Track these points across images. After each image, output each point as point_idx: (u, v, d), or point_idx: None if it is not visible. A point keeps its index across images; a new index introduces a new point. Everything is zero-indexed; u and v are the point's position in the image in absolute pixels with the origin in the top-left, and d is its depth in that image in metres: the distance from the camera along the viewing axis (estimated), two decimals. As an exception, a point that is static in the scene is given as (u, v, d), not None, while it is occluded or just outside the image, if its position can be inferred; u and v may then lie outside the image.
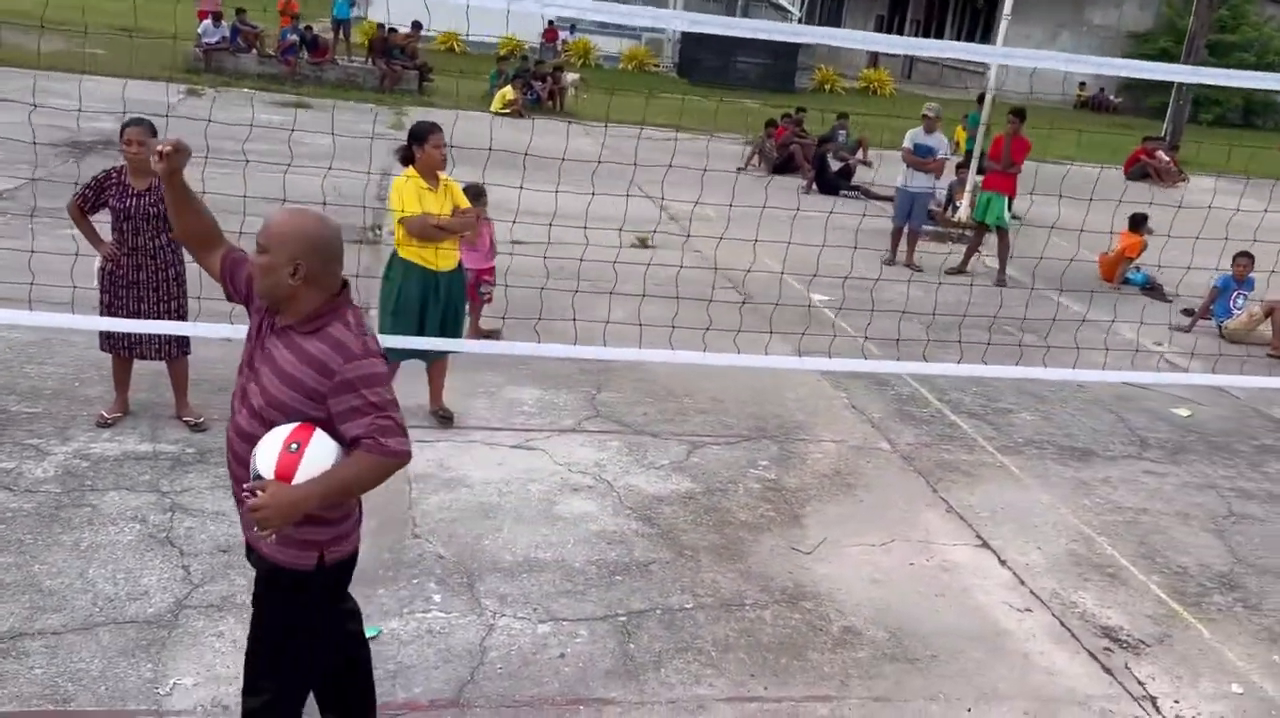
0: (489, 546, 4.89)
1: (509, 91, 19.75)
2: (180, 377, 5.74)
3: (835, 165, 15.78)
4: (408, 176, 5.70)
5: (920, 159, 11.12)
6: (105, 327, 5.48)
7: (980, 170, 12.10)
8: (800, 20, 34.25)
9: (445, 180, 5.81)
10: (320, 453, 2.71)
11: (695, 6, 30.69)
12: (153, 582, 4.30)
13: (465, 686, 3.91)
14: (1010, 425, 7.10)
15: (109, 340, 5.59)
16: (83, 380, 6.11)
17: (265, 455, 2.70)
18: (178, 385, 5.75)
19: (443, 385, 6.18)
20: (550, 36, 30.20)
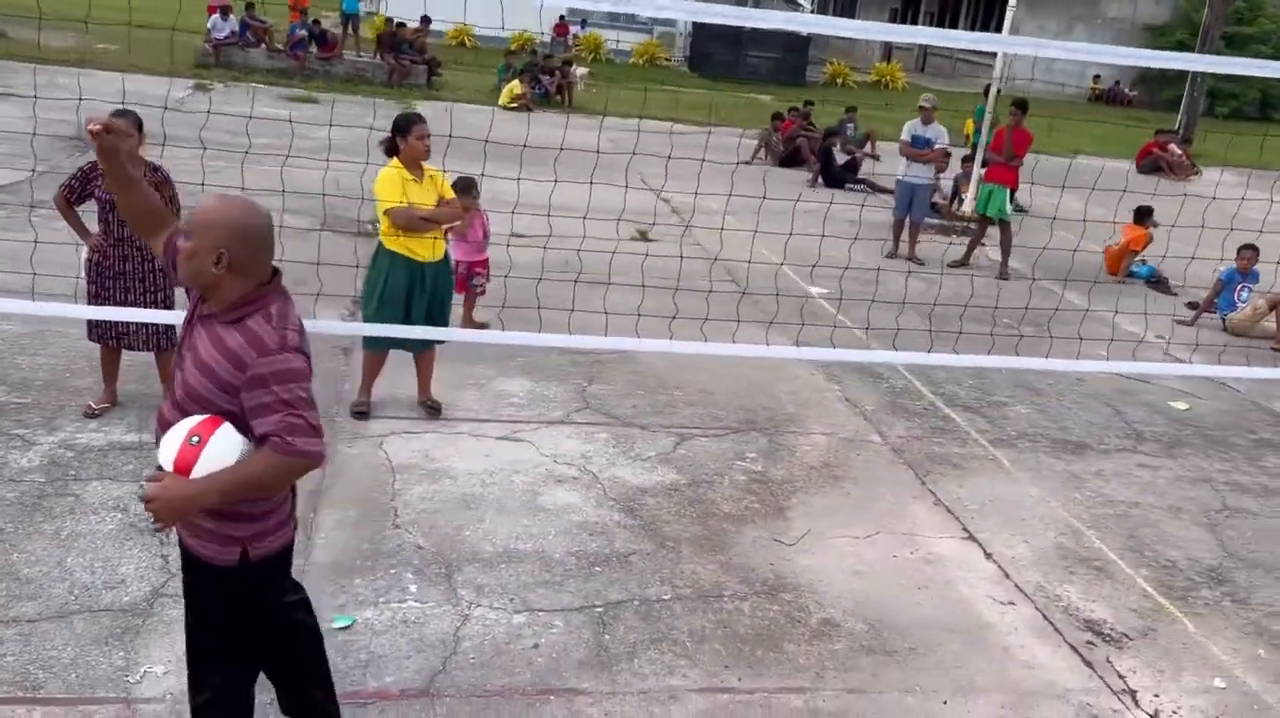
0: (469, 536, 4.88)
1: (517, 86, 19.77)
2: (168, 368, 5.75)
3: (841, 159, 15.73)
4: (393, 168, 5.70)
5: (918, 150, 11.06)
6: (91, 315, 5.50)
7: (984, 163, 12.02)
8: (812, 13, 34.11)
9: (430, 171, 5.80)
10: (223, 448, 2.61)
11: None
12: (130, 571, 4.32)
13: (436, 675, 3.90)
14: (1004, 419, 7.04)
15: (97, 331, 5.62)
16: (73, 372, 6.13)
17: (167, 447, 2.63)
18: (166, 376, 5.77)
19: (431, 376, 6.18)
20: (561, 31, 30.19)
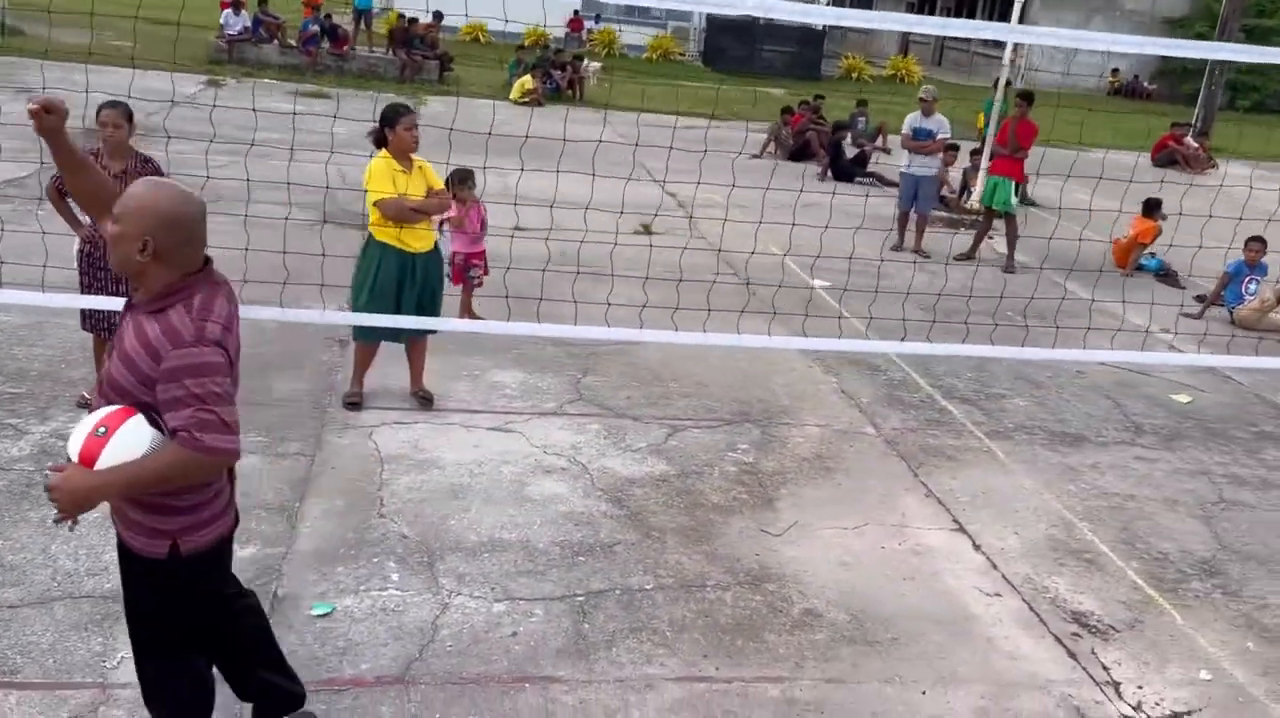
0: (454, 526, 4.89)
1: (528, 80, 19.77)
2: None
3: (850, 152, 15.67)
4: (381, 159, 5.71)
5: (919, 143, 11.00)
6: (92, 305, 5.52)
7: (991, 156, 11.95)
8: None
9: (419, 162, 5.81)
10: (129, 441, 2.55)
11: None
12: (113, 558, 4.28)
13: (413, 663, 3.91)
14: (1002, 411, 6.99)
15: (90, 320, 5.65)
16: (69, 363, 6.18)
17: (75, 437, 2.58)
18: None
19: (423, 367, 6.19)
20: (575, 26, 30.19)
